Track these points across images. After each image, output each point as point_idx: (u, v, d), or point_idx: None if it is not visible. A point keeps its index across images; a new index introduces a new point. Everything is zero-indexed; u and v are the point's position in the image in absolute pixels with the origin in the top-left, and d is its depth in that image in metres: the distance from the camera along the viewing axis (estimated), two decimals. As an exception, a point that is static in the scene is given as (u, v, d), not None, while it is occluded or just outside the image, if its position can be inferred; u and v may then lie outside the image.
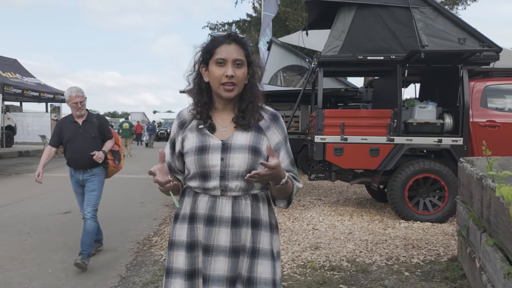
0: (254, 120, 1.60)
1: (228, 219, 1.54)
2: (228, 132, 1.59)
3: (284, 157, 1.65)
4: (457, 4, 19.63)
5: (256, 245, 1.57)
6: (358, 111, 7.23)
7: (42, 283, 3.60)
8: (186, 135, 1.62)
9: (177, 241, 1.61)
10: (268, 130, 1.62)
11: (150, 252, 4.46)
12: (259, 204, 1.61)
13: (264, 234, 1.60)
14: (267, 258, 1.58)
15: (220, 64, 1.52)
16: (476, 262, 2.99)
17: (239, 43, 1.56)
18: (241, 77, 1.55)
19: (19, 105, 21.89)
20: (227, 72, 1.51)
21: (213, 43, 1.56)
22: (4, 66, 13.81)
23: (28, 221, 5.79)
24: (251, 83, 1.62)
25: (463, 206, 3.67)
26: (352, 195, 7.94)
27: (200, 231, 1.57)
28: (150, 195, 7.85)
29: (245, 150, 1.55)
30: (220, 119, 1.62)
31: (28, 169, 12.18)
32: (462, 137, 5.63)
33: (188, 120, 1.65)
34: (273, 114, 1.67)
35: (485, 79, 6.00)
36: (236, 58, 1.53)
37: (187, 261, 1.58)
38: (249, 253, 1.56)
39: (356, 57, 5.92)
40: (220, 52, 1.53)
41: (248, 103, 1.60)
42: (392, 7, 5.97)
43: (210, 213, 1.56)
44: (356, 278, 3.64)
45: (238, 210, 1.55)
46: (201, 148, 1.56)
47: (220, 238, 1.54)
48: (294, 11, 17.63)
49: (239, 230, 1.55)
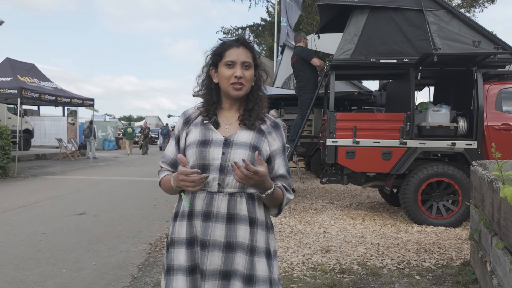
0: (258, 120, 1.69)
1: (224, 215, 1.59)
2: (232, 129, 1.67)
3: (281, 164, 1.71)
4: (474, 7, 19.41)
5: (254, 243, 1.62)
6: (370, 114, 7.20)
7: (56, 282, 3.67)
8: (190, 130, 1.69)
9: (177, 238, 1.65)
10: (269, 135, 1.70)
11: (161, 253, 4.50)
12: (255, 203, 1.64)
13: (260, 232, 1.64)
14: (263, 256, 1.62)
15: (230, 66, 1.63)
16: (487, 265, 2.96)
17: (247, 46, 1.67)
18: (249, 78, 1.65)
19: (37, 109, 22.28)
20: (236, 73, 1.61)
21: (223, 47, 1.66)
22: (22, 71, 14.09)
23: (44, 222, 5.90)
24: (257, 85, 1.72)
25: (475, 210, 3.63)
26: (365, 199, 7.90)
27: (198, 227, 1.61)
28: (163, 197, 7.92)
29: (247, 147, 1.61)
30: (225, 117, 1.70)
31: (45, 172, 12.40)
32: (476, 141, 5.57)
33: (193, 117, 1.73)
34: (275, 122, 1.75)
35: (500, 82, 5.92)
36: (245, 61, 1.63)
37: (187, 257, 1.61)
38: (248, 250, 1.60)
39: (369, 60, 5.90)
40: (229, 55, 1.63)
41: (254, 104, 1.69)
42: (405, 10, 5.94)
43: (207, 209, 1.60)
44: (366, 281, 3.62)
45: (233, 207, 1.60)
46: (204, 141, 1.62)
47: (216, 233, 1.58)
48: (308, 15, 17.65)
49: (234, 226, 1.59)
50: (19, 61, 14.62)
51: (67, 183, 10.16)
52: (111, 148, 26.64)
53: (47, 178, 11.06)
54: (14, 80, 12.82)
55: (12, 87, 12.25)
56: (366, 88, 10.46)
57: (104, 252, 4.56)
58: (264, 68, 1.76)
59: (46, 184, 9.85)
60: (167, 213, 6.63)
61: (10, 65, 13.73)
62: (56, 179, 11.01)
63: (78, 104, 16.40)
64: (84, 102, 16.40)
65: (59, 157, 17.79)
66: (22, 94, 12.16)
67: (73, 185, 9.76)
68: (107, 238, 5.12)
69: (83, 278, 3.79)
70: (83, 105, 16.85)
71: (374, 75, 8.24)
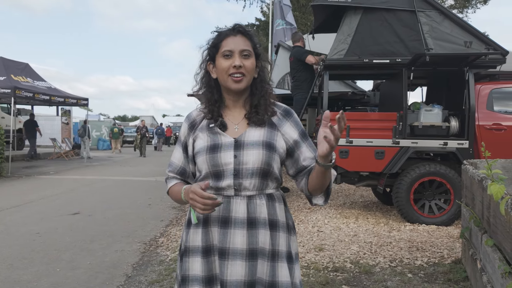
0: (267, 115, 1.54)
1: (244, 220, 1.47)
2: (241, 129, 1.54)
3: (307, 150, 1.56)
4: (467, 8, 19.55)
5: (275, 247, 1.50)
6: (363, 114, 7.24)
7: (50, 282, 3.68)
8: (197, 135, 1.56)
9: (192, 246, 1.52)
10: (282, 126, 1.56)
11: (156, 253, 4.52)
12: (275, 204, 1.54)
13: (281, 235, 1.52)
14: (285, 261, 1.50)
15: (227, 56, 1.48)
16: (477, 263, 3.01)
17: (245, 34, 1.52)
18: (250, 67, 1.49)
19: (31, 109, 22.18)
20: (234, 63, 1.46)
21: (219, 37, 1.52)
22: (16, 70, 14.05)
23: (38, 221, 5.90)
24: (261, 77, 1.57)
25: (466, 208, 3.69)
26: (359, 198, 7.95)
27: (215, 234, 1.49)
28: (158, 197, 7.93)
29: (259, 146, 1.49)
30: (231, 116, 1.57)
31: (39, 172, 12.36)
32: (468, 140, 5.63)
33: (198, 120, 1.59)
34: (286, 110, 1.60)
35: (491, 82, 5.99)
36: (243, 49, 1.48)
37: (203, 267, 1.49)
38: (269, 256, 1.48)
39: (362, 60, 5.95)
40: (226, 45, 1.49)
41: (260, 98, 1.54)
42: (398, 11, 5.98)
43: (224, 214, 1.48)
44: (359, 279, 3.66)
45: (253, 211, 1.48)
46: (213, 146, 1.50)
47: (236, 240, 1.46)
48: (302, 15, 17.70)
49: (255, 231, 1.47)
50: (13, 61, 14.57)
51: (61, 183, 10.14)
52: (105, 148, 26.58)
53: (41, 178, 11.03)
54: (7, 79, 12.78)
55: (6, 86, 12.21)
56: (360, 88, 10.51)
57: (99, 251, 4.58)
58: (267, 59, 1.60)
59: (40, 184, 9.83)
60: (161, 212, 6.64)
61: (3, 64, 13.68)
62: (50, 179, 10.98)
63: (72, 103, 16.38)
64: (78, 102, 16.36)
65: (53, 157, 17.73)
66: (15, 94, 12.11)
67: (67, 185, 9.74)
68: (101, 237, 5.13)
69: (77, 277, 3.80)
70: (77, 105, 16.82)
71: (367, 75, 8.29)
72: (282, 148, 1.53)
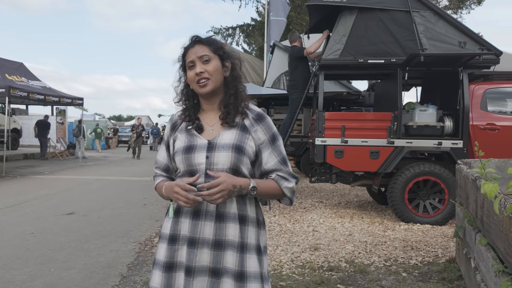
0: (238, 114, 1.66)
1: (213, 213, 1.60)
2: (215, 130, 1.66)
3: (270, 156, 1.66)
4: (461, 8, 19.65)
5: (245, 240, 1.62)
6: (358, 114, 7.28)
7: (45, 282, 3.66)
8: (177, 136, 1.71)
9: (162, 233, 1.69)
10: (253, 130, 1.66)
11: (151, 252, 4.51)
12: (246, 200, 1.65)
13: (251, 229, 1.65)
14: (254, 253, 1.63)
15: (191, 67, 1.63)
16: (471, 262, 3.03)
17: (201, 42, 1.65)
18: (212, 70, 1.62)
19: (25, 108, 22.08)
20: (196, 70, 1.61)
21: (183, 52, 1.68)
22: (10, 70, 13.96)
23: (32, 221, 5.87)
24: (233, 76, 1.69)
25: (460, 207, 3.71)
26: (354, 198, 7.97)
27: (186, 225, 1.62)
28: (153, 197, 7.92)
29: (229, 148, 1.60)
30: (208, 119, 1.70)
31: (34, 171, 12.30)
32: (462, 140, 5.66)
33: (178, 123, 1.74)
34: (258, 114, 1.70)
35: (486, 83, 6.03)
36: (201, 55, 1.62)
37: (166, 253, 1.64)
38: (239, 247, 1.60)
39: (357, 60, 5.97)
40: (188, 57, 1.64)
41: (231, 96, 1.67)
42: (393, 11, 6.01)
43: (196, 207, 1.61)
44: (354, 278, 3.68)
45: (222, 206, 1.60)
46: (188, 147, 1.64)
47: (205, 231, 1.60)
48: (298, 15, 17.72)
49: (223, 224, 1.60)
50: (7, 60, 14.48)
51: (56, 182, 10.10)
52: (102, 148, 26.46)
53: (36, 178, 10.98)
54: (2, 78, 12.69)
55: (0, 85, 12.13)
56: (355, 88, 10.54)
57: (93, 251, 4.56)
58: (237, 56, 1.72)
59: (34, 184, 9.78)
60: (156, 212, 6.63)
61: (-3, 63, 13.60)
62: (44, 178, 10.94)
63: (67, 103, 16.29)
64: (73, 101, 16.28)
65: (48, 157, 17.65)
66: (10, 93, 12.04)
67: (62, 184, 9.71)
68: (96, 237, 5.12)
69: (72, 277, 3.79)
70: (72, 104, 16.74)
71: (362, 75, 8.31)
72: (252, 151, 1.64)
